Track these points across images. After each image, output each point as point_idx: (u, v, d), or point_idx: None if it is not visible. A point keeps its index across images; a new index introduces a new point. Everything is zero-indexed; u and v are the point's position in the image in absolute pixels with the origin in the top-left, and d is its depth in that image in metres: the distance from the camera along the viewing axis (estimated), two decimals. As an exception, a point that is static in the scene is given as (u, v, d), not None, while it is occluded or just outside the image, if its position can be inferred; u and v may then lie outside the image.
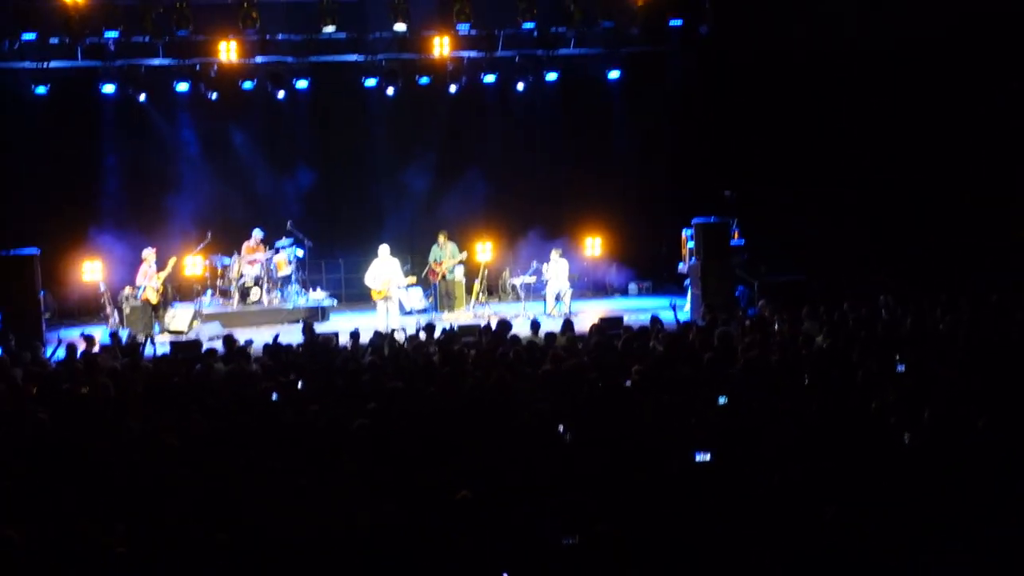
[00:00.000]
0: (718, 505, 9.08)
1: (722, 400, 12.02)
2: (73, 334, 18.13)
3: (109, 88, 24.17)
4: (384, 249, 23.12)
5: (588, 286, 27.82)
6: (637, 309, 24.34)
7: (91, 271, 24.28)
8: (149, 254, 23.61)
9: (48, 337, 21.34)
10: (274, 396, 12.95)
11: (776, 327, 16.89)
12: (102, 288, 23.71)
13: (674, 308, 18.83)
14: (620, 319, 19.90)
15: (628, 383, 12.82)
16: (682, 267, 25.04)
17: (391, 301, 22.97)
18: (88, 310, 25.16)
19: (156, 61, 24.28)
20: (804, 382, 13.05)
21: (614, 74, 25.95)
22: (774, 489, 9.26)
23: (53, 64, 23.70)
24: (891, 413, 10.95)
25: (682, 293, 24.76)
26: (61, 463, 10.29)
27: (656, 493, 9.33)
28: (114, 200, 26.13)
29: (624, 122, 27.78)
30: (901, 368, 13.61)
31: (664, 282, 27.46)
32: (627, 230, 27.86)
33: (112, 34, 22.77)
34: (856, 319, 16.85)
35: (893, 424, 10.67)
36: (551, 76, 25.69)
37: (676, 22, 24.33)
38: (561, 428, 11.07)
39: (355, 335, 17.25)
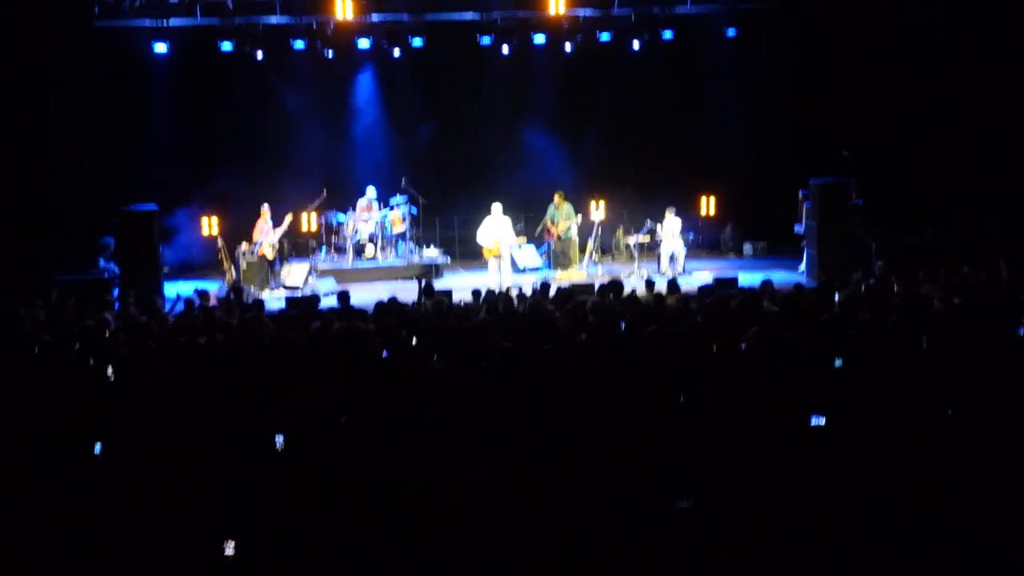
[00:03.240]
0: (832, 470, 8.95)
1: (838, 363, 11.84)
2: (190, 290, 18.33)
3: (227, 46, 24.36)
4: (496, 207, 23.12)
5: (703, 245, 27.62)
6: (752, 269, 24.10)
7: (209, 227, 24.58)
8: (266, 211, 23.87)
9: (167, 292, 21.65)
10: (384, 353, 12.99)
11: (894, 289, 16.60)
12: (219, 244, 23.98)
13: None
14: (735, 280, 19.68)
15: (743, 345, 12.67)
16: (798, 228, 24.74)
17: (503, 259, 22.97)
18: (205, 266, 25.52)
19: (273, 19, 24.41)
20: (923, 345, 12.80)
21: (731, 32, 25.62)
22: (891, 457, 9.11)
23: (172, 22, 23.91)
24: (1010, 380, 10.70)
25: (798, 254, 24.48)
26: (183, 417, 10.40)
27: (771, 457, 9.22)
28: (231, 156, 26.38)
29: (740, 81, 27.44)
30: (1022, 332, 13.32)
31: (780, 243, 27.16)
32: (742, 190, 27.56)
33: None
34: (976, 282, 16.51)
35: (1014, 391, 10.41)
36: (667, 34, 25.43)
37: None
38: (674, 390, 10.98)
39: (476, 293, 17.26)
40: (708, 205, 27.48)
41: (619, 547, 7.99)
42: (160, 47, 24.09)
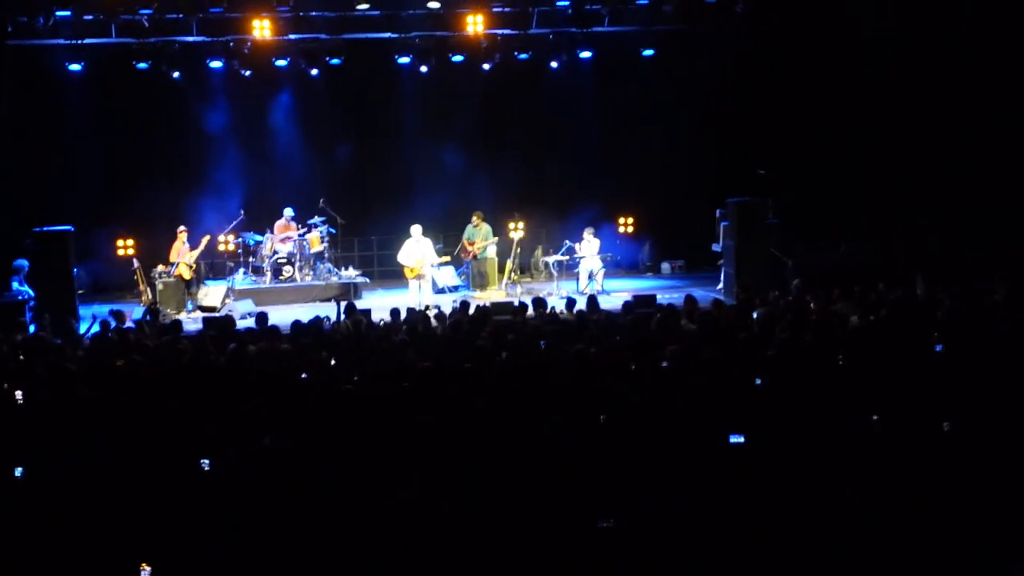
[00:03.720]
0: (752, 487, 9.02)
1: (757, 381, 11.92)
2: (105, 311, 18.12)
3: (143, 65, 24.13)
4: (416, 229, 23.11)
5: (621, 265, 27.73)
6: (670, 288, 24.29)
7: (124, 248, 24.36)
8: (182, 232, 23.73)
9: (82, 314, 21.39)
10: (304, 375, 12.92)
11: (811, 307, 16.75)
12: (135, 265, 23.75)
13: None
14: (653, 298, 19.80)
15: (663, 363, 12.72)
16: (716, 247, 24.95)
17: (424, 279, 22.96)
18: (121, 287, 25.27)
19: (190, 38, 24.23)
20: (839, 363, 12.92)
21: (648, 52, 25.73)
22: (806, 472, 9.20)
23: (88, 41, 23.64)
24: (928, 396, 10.83)
25: (716, 272, 24.69)
26: (104, 437, 10.29)
27: (691, 475, 9.27)
28: (148, 177, 26.19)
29: (658, 101, 27.64)
30: (939, 349, 13.47)
31: (698, 262, 27.37)
32: (660, 209, 27.81)
33: (146, 11, 22.70)
34: (891, 299, 16.70)
35: (930, 408, 10.54)
36: (585, 54, 25.49)
37: (711, 0, 24.17)
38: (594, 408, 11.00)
39: (395, 313, 17.21)
40: (626, 224, 27.67)
41: (544, 569, 8.00)
42: (75, 66, 23.78)
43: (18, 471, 9.41)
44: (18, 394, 12.24)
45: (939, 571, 8.09)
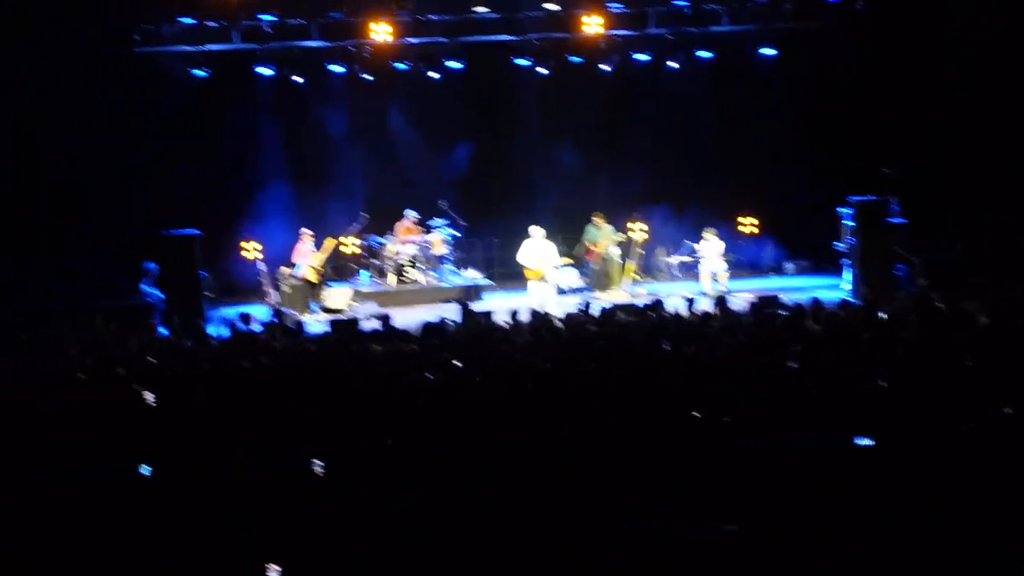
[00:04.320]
0: (878, 491, 8.88)
1: (883, 383, 11.75)
2: (232, 313, 18.41)
3: (266, 70, 24.52)
4: (536, 230, 23.14)
5: (743, 265, 27.50)
6: (793, 288, 24.03)
7: (251, 250, 24.73)
8: (306, 234, 24.00)
9: (209, 316, 21.75)
10: (428, 376, 12.98)
11: (938, 306, 16.48)
12: (261, 268, 24.09)
13: None
14: (776, 298, 19.59)
15: (788, 364, 12.60)
16: (840, 246, 24.65)
17: (545, 281, 22.97)
18: (248, 290, 25.64)
19: (311, 43, 24.52)
20: (967, 363, 12.69)
21: (768, 51, 25.52)
22: (938, 476, 9.03)
23: (210, 47, 24.04)
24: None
25: (839, 272, 24.40)
26: (229, 439, 10.43)
27: (816, 479, 9.16)
28: (272, 181, 26.54)
29: (780, 99, 27.32)
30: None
31: (821, 261, 27.05)
32: (783, 208, 27.45)
33: (268, 17, 23.02)
34: (1019, 298, 16.38)
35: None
36: (704, 54, 25.35)
37: (832, -2, 23.98)
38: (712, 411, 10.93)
39: (515, 314, 17.23)
40: (748, 224, 27.45)
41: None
42: (199, 72, 24.22)
43: (146, 470, 9.55)
44: (148, 395, 12.48)
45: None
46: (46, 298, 20.85)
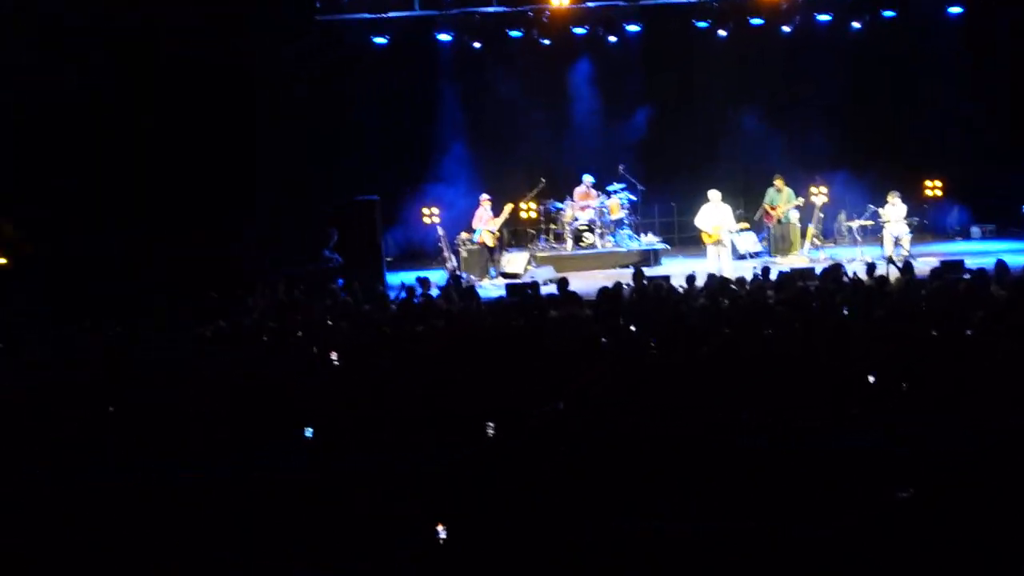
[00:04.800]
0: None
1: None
2: (411, 278, 18.61)
3: (445, 36, 24.69)
4: (714, 194, 22.86)
5: (928, 229, 26.88)
6: (979, 253, 23.39)
7: (429, 215, 24.96)
8: (485, 199, 24.13)
9: (390, 281, 22.03)
10: (603, 341, 12.96)
11: None
12: (440, 232, 24.31)
13: None
14: (961, 263, 19.09)
15: (968, 332, 12.26)
16: (1025, 209, 24.00)
17: (723, 245, 22.74)
18: (427, 254, 25.91)
19: (490, 8, 24.59)
20: None
21: (955, 9, 24.82)
22: None
23: (391, 15, 24.26)
24: None
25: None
26: (402, 403, 10.54)
27: (1000, 456, 8.88)
28: (450, 146, 26.78)
29: (967, 60, 26.59)
30: None
31: (1009, 225, 26.33)
32: (969, 171, 26.71)
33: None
34: None
35: None
36: (888, 13, 24.77)
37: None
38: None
39: (691, 279, 17.09)
40: (933, 188, 26.79)
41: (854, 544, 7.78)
42: (379, 39, 24.48)
43: (308, 431, 9.71)
44: (333, 356, 12.69)
45: None
46: (239, 267, 21.26)
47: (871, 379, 10.46)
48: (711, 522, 7.77)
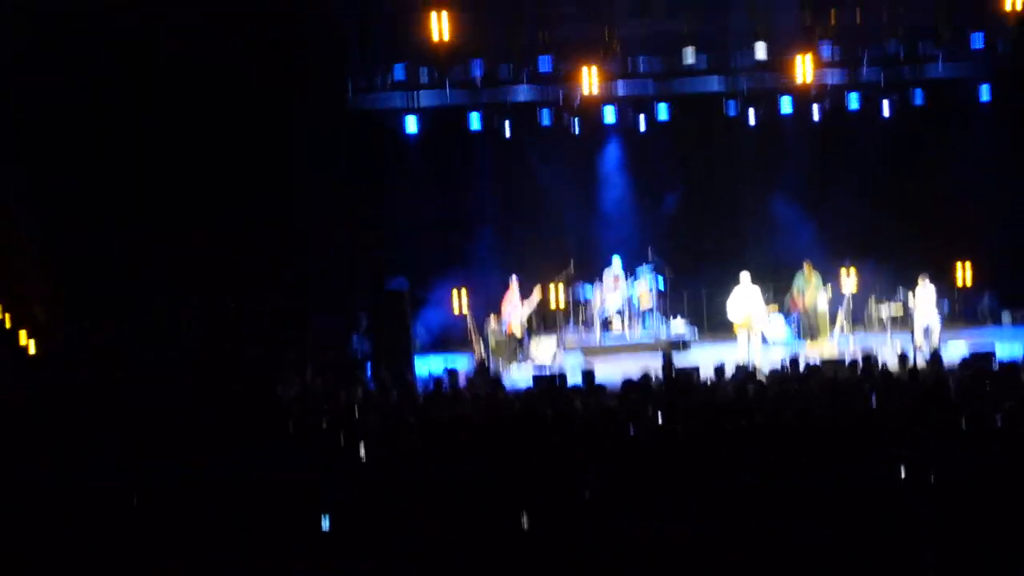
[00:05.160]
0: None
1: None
2: (440, 366, 18.63)
3: (476, 121, 24.81)
4: (745, 276, 22.86)
5: (959, 315, 26.75)
6: (1013, 339, 23.25)
7: (459, 302, 24.99)
8: (514, 283, 24.13)
9: (418, 368, 22.01)
10: (631, 431, 12.92)
11: None
12: (469, 319, 24.31)
13: None
14: (991, 353, 18.92)
15: (998, 423, 12.18)
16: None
17: (753, 332, 22.67)
18: (457, 340, 25.92)
19: (521, 94, 24.74)
20: None
21: (985, 93, 24.81)
22: None
23: (423, 101, 24.44)
24: None
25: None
26: (428, 491, 10.50)
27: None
28: (480, 229, 26.88)
29: (997, 143, 26.58)
30: None
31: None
32: (1001, 256, 26.65)
33: (476, 61, 23.31)
34: None
35: None
36: (918, 97, 24.79)
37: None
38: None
39: (719, 370, 17.02)
40: (964, 273, 26.68)
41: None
42: (411, 124, 24.64)
43: (325, 523, 9.68)
44: (360, 448, 12.66)
45: None
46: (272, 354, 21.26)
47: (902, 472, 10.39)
48: None
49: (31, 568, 8.24)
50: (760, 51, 23.05)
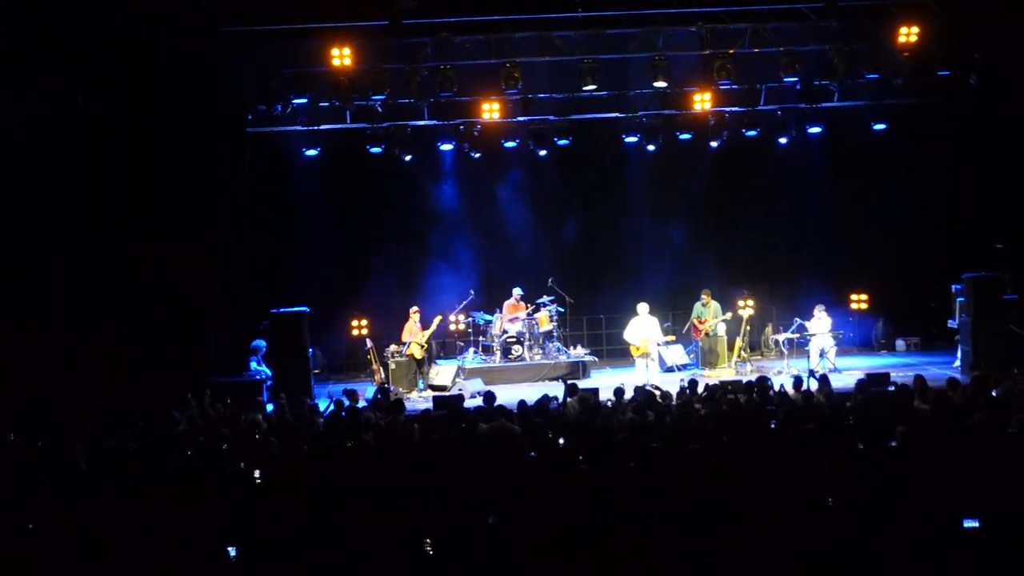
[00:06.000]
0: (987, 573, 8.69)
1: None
2: (339, 390, 18.52)
3: (376, 149, 24.72)
4: (643, 307, 23.08)
5: (853, 342, 27.20)
6: (905, 366, 23.70)
7: (358, 328, 24.92)
8: (415, 311, 24.13)
9: (318, 393, 21.91)
10: (532, 454, 12.96)
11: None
12: (368, 344, 24.26)
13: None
14: (886, 376, 19.28)
15: (893, 444, 12.39)
16: (952, 323, 24.30)
17: (651, 357, 22.86)
18: (356, 366, 25.85)
19: (421, 122, 24.73)
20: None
21: (879, 126, 25.25)
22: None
23: (323, 127, 24.33)
24: None
25: (952, 350, 24.05)
26: (330, 517, 10.44)
27: (922, 561, 8.97)
28: (380, 258, 26.84)
29: (890, 175, 27.12)
30: None
31: (933, 338, 26.70)
32: (894, 285, 27.19)
33: (379, 97, 23.24)
34: None
35: None
36: (814, 130, 25.16)
37: (944, 73, 23.58)
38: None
39: (619, 392, 17.12)
40: (859, 301, 27.13)
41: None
42: (311, 151, 24.52)
43: (232, 551, 9.60)
44: (256, 473, 12.58)
45: None
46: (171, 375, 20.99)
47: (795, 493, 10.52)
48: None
49: None
50: (659, 83, 23.21)
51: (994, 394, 15.54)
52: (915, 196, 27.09)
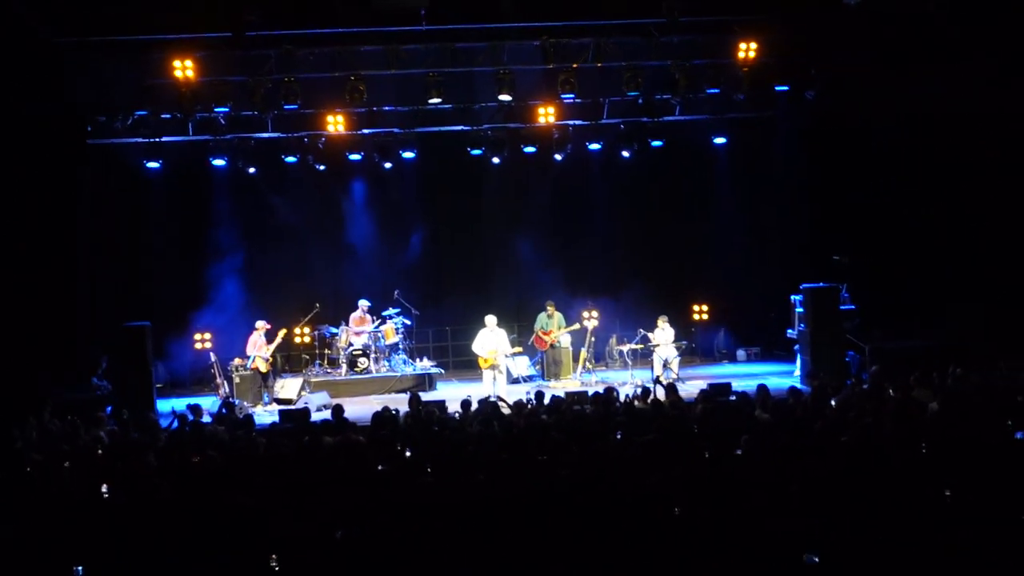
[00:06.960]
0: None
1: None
2: (183, 405, 18.27)
3: (220, 161, 24.46)
4: (490, 319, 23.16)
5: (696, 352, 27.61)
6: (746, 375, 24.14)
7: (202, 341, 24.62)
8: (260, 325, 23.91)
9: (160, 408, 21.60)
10: (379, 467, 12.94)
11: (889, 394, 16.50)
12: (212, 359, 23.99)
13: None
14: (728, 386, 19.64)
15: (737, 452, 12.61)
16: (791, 332, 24.81)
17: (498, 369, 22.95)
18: (199, 381, 25.52)
19: (265, 135, 24.53)
20: (920, 451, 12.71)
21: (720, 140, 25.67)
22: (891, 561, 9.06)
23: (165, 139, 23.97)
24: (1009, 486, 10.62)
25: (791, 358, 24.55)
26: (177, 534, 10.33)
27: (767, 567, 9.15)
28: (224, 271, 26.51)
29: (731, 187, 27.63)
30: (1021, 436, 13.20)
31: (773, 348, 27.21)
32: (735, 296, 27.69)
33: (222, 109, 22.98)
34: (970, 385, 16.46)
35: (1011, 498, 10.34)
36: (656, 143, 25.44)
37: (782, 88, 24.06)
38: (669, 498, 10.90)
39: (466, 404, 17.15)
40: (701, 312, 27.55)
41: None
42: (153, 164, 24.11)
43: (79, 570, 9.45)
44: (104, 488, 12.35)
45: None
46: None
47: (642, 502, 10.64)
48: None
49: None
50: (504, 96, 23.30)
51: (833, 403, 15.89)
52: (754, 208, 27.67)
